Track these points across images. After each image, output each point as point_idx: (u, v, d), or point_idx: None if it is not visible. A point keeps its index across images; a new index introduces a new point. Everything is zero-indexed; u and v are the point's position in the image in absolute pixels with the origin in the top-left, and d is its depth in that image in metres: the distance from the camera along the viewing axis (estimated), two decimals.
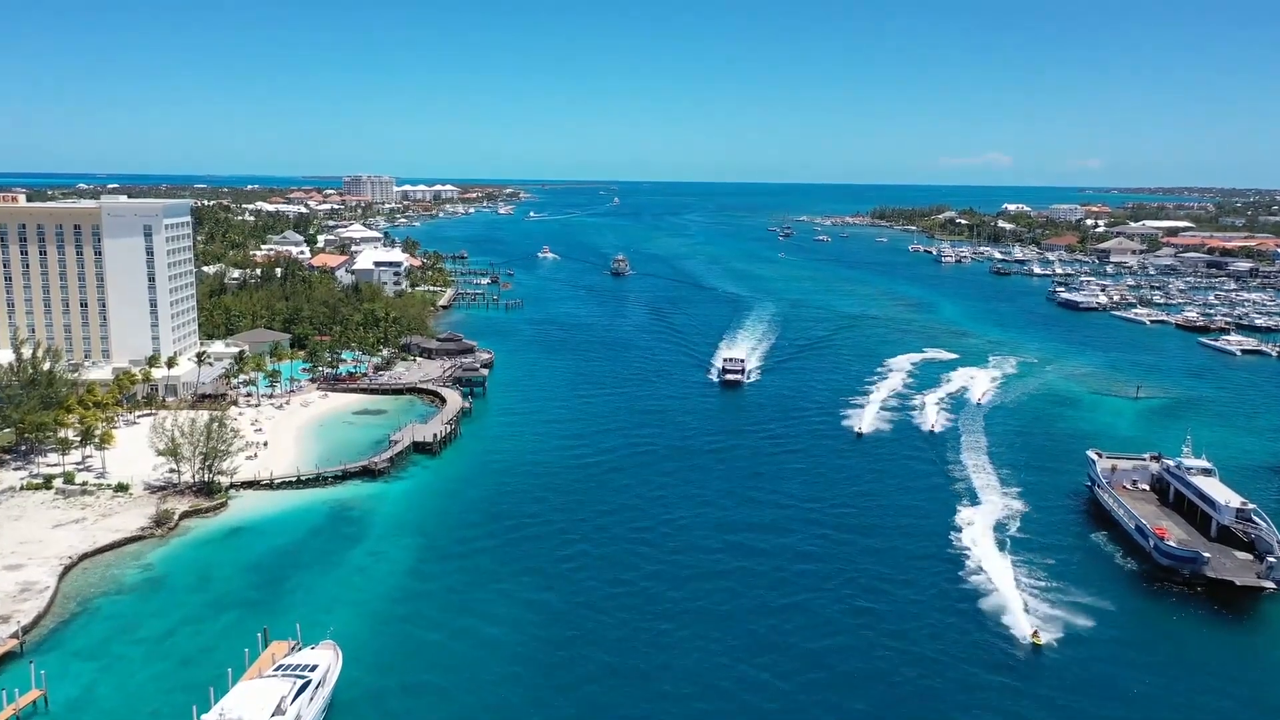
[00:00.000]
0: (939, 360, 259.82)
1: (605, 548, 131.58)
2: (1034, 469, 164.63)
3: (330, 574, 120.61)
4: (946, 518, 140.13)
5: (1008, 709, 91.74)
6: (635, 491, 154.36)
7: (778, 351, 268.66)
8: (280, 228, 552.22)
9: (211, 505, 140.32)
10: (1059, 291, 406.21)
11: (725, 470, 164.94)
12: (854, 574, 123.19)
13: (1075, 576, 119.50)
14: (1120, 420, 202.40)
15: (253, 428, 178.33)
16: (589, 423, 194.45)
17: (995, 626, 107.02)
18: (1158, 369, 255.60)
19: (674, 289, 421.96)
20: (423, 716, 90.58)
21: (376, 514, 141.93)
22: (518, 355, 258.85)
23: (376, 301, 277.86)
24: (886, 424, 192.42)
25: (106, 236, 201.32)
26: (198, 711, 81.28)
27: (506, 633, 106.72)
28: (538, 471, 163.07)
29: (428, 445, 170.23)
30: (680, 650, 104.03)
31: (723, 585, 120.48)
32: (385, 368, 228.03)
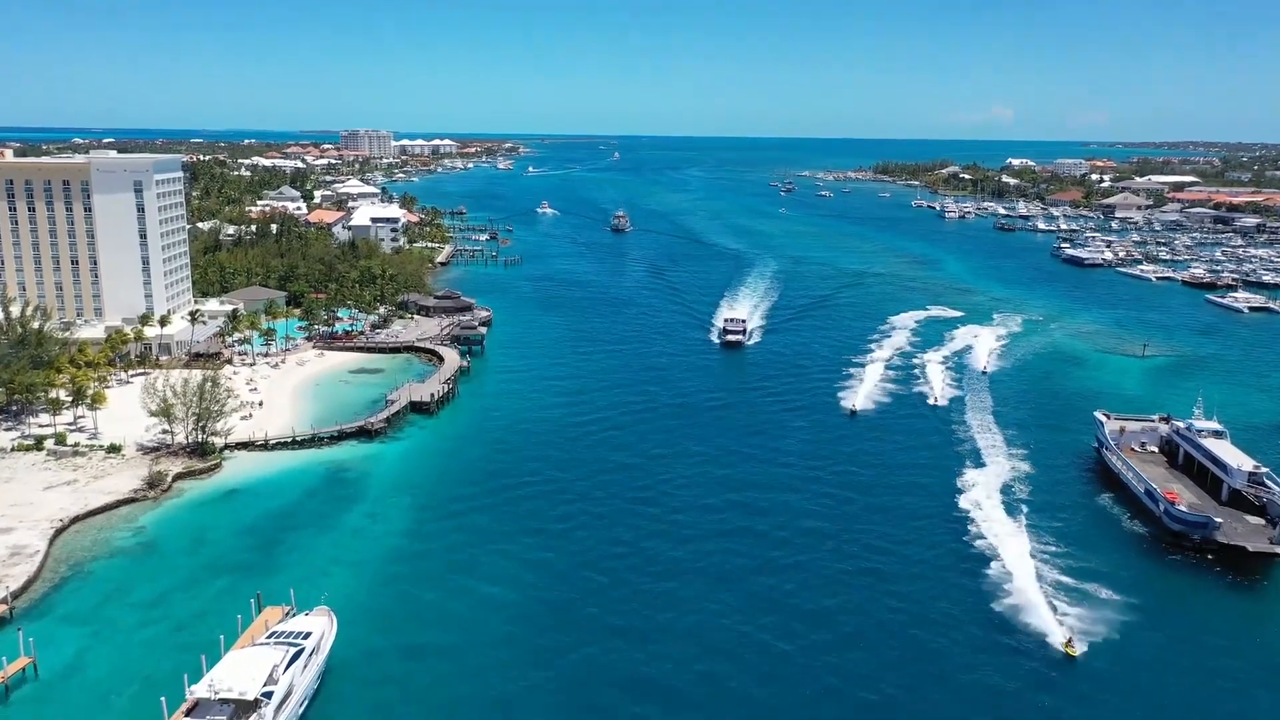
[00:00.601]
0: (943, 318, 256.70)
1: (605, 507, 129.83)
2: (1040, 429, 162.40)
3: (326, 536, 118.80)
4: (951, 480, 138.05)
5: (1012, 667, 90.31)
6: (635, 450, 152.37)
7: (780, 310, 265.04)
8: (276, 183, 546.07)
9: (205, 467, 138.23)
10: (1063, 248, 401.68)
11: (726, 429, 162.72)
12: (857, 534, 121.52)
13: (1082, 541, 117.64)
14: (1126, 379, 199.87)
15: (248, 387, 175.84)
16: (588, 381, 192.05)
17: (1000, 593, 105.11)
18: (1164, 327, 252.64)
19: (675, 245, 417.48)
20: (420, 682, 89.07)
21: (373, 475, 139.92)
22: (516, 313, 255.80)
23: (373, 258, 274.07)
24: (890, 384, 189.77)
25: (96, 193, 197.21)
26: (189, 680, 79.52)
27: (506, 595, 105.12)
28: (537, 430, 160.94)
29: (425, 405, 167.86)
30: (681, 610, 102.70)
31: (724, 545, 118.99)
32: (382, 326, 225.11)
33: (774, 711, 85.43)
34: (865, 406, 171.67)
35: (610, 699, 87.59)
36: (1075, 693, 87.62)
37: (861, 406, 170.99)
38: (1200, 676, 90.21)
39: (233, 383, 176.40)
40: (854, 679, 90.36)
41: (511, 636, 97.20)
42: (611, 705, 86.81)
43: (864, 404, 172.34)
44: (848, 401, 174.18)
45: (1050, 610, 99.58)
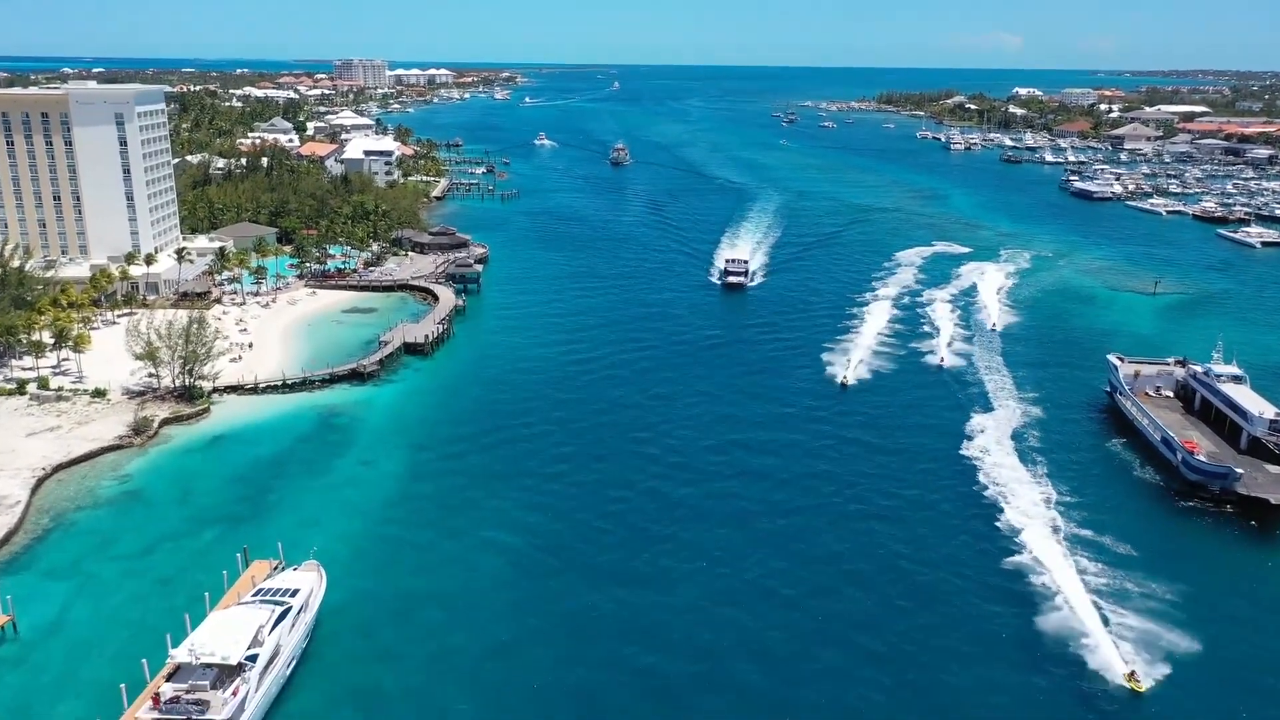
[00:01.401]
0: (949, 254, 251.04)
1: (605, 454, 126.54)
2: (1050, 371, 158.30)
3: (317, 485, 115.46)
4: (959, 425, 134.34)
5: (1021, 611, 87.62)
6: (635, 390, 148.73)
7: (782, 248, 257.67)
8: (269, 114, 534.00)
9: (193, 412, 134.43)
10: (1072, 181, 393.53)
11: (728, 370, 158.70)
12: (861, 478, 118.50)
13: (1095, 490, 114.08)
14: (1137, 318, 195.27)
15: (237, 328, 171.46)
16: (587, 319, 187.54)
17: (1012, 546, 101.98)
18: (1175, 263, 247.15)
19: (675, 179, 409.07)
20: (413, 638, 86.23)
21: (365, 420, 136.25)
22: (513, 249, 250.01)
23: (366, 193, 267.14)
24: (896, 324, 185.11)
25: (76, 125, 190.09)
26: (171, 641, 76.50)
27: (503, 545, 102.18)
28: (534, 372, 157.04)
29: (419, 346, 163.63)
30: (683, 556, 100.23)
31: (727, 487, 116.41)
32: (375, 264, 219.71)
33: (779, 661, 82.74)
34: (868, 358, 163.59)
35: (610, 651, 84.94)
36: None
37: (865, 357, 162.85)
38: (1219, 632, 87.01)
39: (222, 323, 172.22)
40: (859, 627, 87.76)
41: (509, 589, 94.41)
42: (612, 657, 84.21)
43: (867, 354, 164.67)
44: (850, 354, 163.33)
45: (1065, 567, 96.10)
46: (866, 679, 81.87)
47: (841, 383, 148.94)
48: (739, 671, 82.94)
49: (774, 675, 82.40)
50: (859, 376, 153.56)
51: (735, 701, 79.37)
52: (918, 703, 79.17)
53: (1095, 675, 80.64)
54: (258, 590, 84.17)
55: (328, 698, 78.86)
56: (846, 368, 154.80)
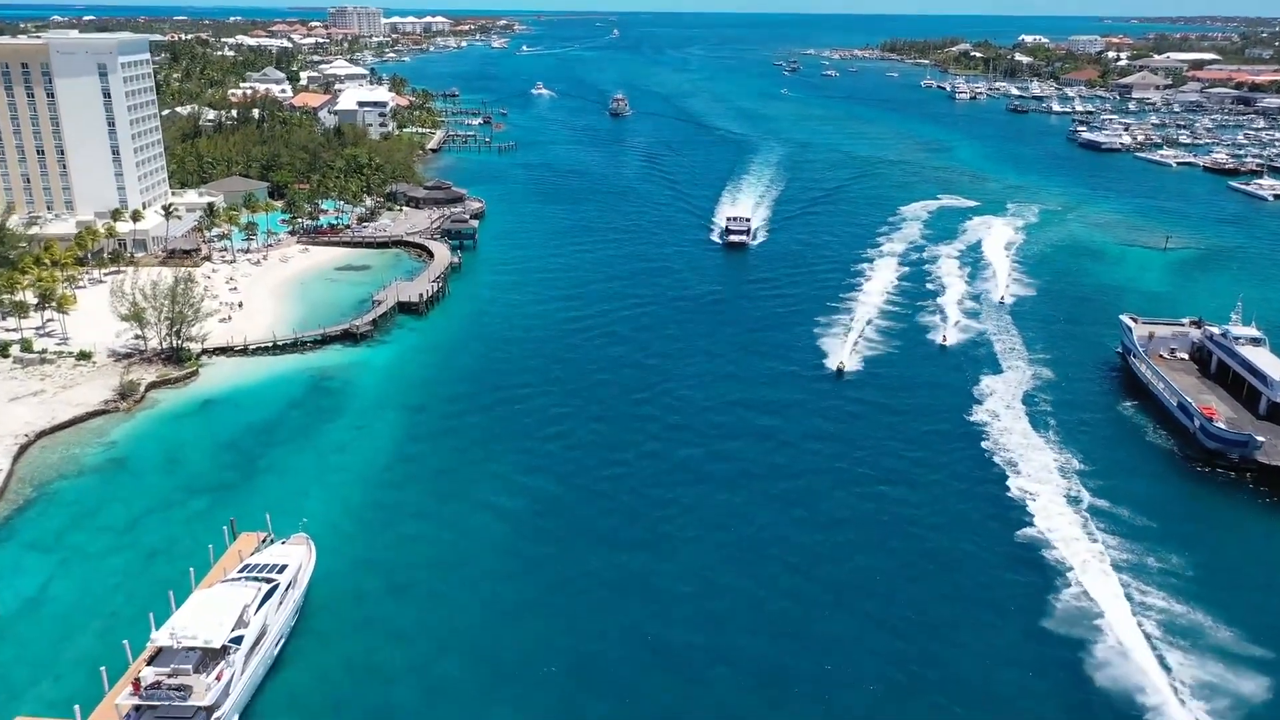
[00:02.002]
0: (956, 208, 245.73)
1: (604, 415, 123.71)
2: (1060, 331, 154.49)
3: (307, 452, 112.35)
4: (967, 386, 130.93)
5: (1032, 581, 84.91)
6: (634, 352, 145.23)
7: (786, 204, 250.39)
8: (261, 64, 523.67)
9: (180, 375, 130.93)
10: (1080, 131, 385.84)
11: (730, 331, 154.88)
12: (866, 442, 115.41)
13: (1110, 458, 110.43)
14: (1148, 274, 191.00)
15: (227, 286, 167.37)
16: (585, 277, 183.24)
17: (1021, 512, 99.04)
18: (1186, 216, 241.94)
19: (675, 130, 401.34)
20: (403, 616, 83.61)
21: (358, 383, 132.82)
22: (510, 204, 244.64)
23: (360, 146, 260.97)
24: (902, 283, 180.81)
25: (58, 77, 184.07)
26: (155, 620, 73.72)
27: (499, 516, 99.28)
28: (531, 332, 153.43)
29: (414, 305, 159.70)
30: (686, 529, 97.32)
31: (728, 449, 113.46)
32: (369, 219, 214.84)
33: (784, 630, 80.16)
34: (875, 316, 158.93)
35: (612, 623, 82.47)
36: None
37: (871, 316, 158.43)
38: (1239, 608, 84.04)
39: (211, 281, 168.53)
40: (866, 595, 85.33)
41: (507, 558, 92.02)
42: (613, 629, 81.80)
43: (874, 313, 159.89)
44: (855, 317, 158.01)
45: (1080, 538, 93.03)
46: (873, 649, 79.70)
47: (838, 367, 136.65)
48: (743, 640, 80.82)
49: (779, 644, 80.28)
50: (865, 337, 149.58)
51: (739, 671, 77.33)
52: (926, 675, 76.84)
53: (1112, 652, 77.93)
54: (244, 566, 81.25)
55: (318, 677, 76.36)
56: (851, 331, 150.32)
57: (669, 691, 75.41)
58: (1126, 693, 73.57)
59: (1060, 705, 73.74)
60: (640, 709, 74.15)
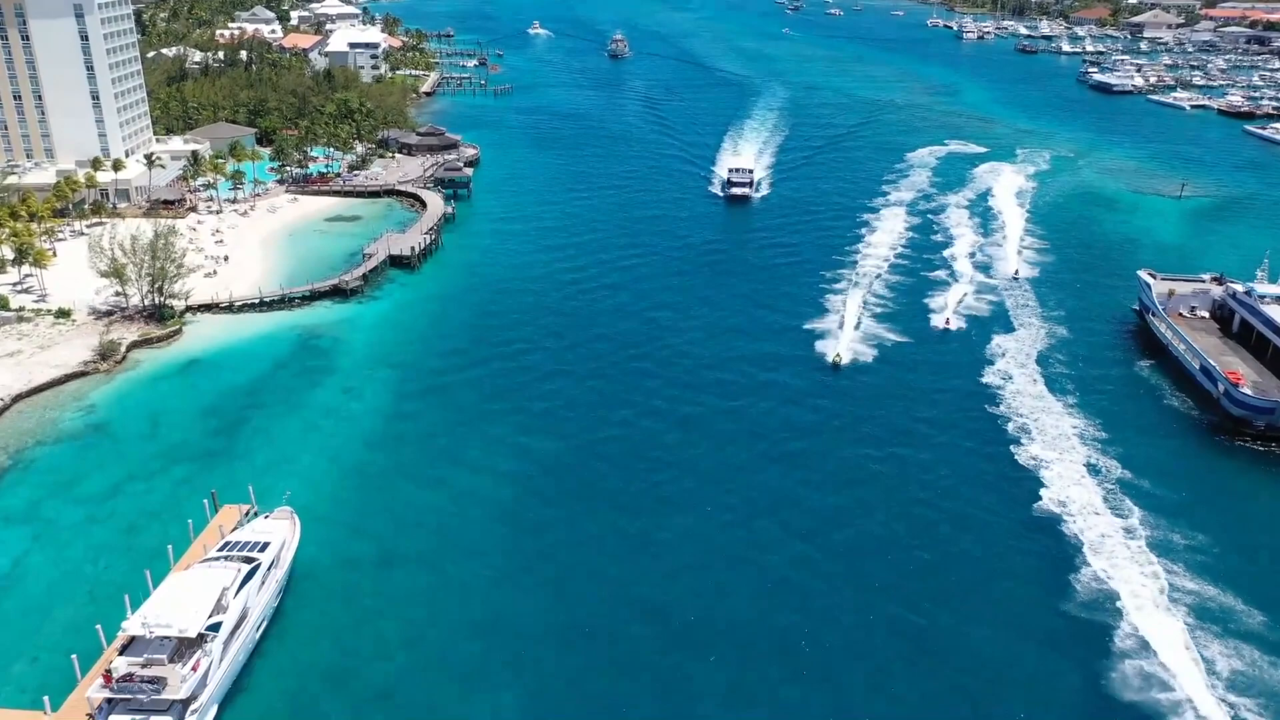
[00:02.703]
0: (964, 154, 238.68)
1: (603, 375, 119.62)
2: (1074, 286, 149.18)
3: (295, 417, 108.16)
4: (979, 347, 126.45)
5: (1049, 555, 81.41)
6: (634, 308, 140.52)
7: (789, 151, 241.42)
8: (250, 2, 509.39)
9: (163, 334, 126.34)
10: (1090, 73, 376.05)
11: (731, 290, 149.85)
12: (873, 405, 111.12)
13: (1129, 425, 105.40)
14: (1163, 223, 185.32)
15: (213, 238, 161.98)
16: (582, 229, 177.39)
17: (1035, 483, 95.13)
18: (1201, 162, 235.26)
19: (676, 71, 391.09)
20: (393, 592, 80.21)
21: (348, 342, 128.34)
22: (506, 150, 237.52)
23: (351, 90, 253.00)
24: (910, 233, 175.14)
25: (32, 18, 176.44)
26: (130, 602, 70.30)
27: (494, 487, 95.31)
28: (527, 286, 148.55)
29: (406, 259, 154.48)
30: (690, 502, 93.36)
31: (730, 411, 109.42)
32: (360, 167, 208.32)
33: (791, 607, 76.81)
34: (884, 272, 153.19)
35: (610, 608, 78.84)
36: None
37: (880, 271, 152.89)
38: (1272, 590, 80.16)
39: (197, 233, 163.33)
40: (874, 567, 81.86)
41: (501, 534, 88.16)
42: (611, 614, 78.16)
43: (883, 268, 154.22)
44: (864, 272, 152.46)
45: (1100, 512, 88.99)
46: (881, 620, 77.06)
47: (834, 361, 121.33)
48: (747, 609, 78.17)
49: (784, 614, 77.68)
50: (875, 294, 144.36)
51: (742, 642, 74.83)
52: (936, 647, 74.06)
53: (1133, 637, 74.36)
54: (224, 544, 77.52)
55: (303, 661, 73.02)
56: (860, 287, 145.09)
57: (672, 663, 72.41)
58: (1150, 679, 70.08)
59: (1079, 689, 70.45)
60: (643, 682, 71.29)
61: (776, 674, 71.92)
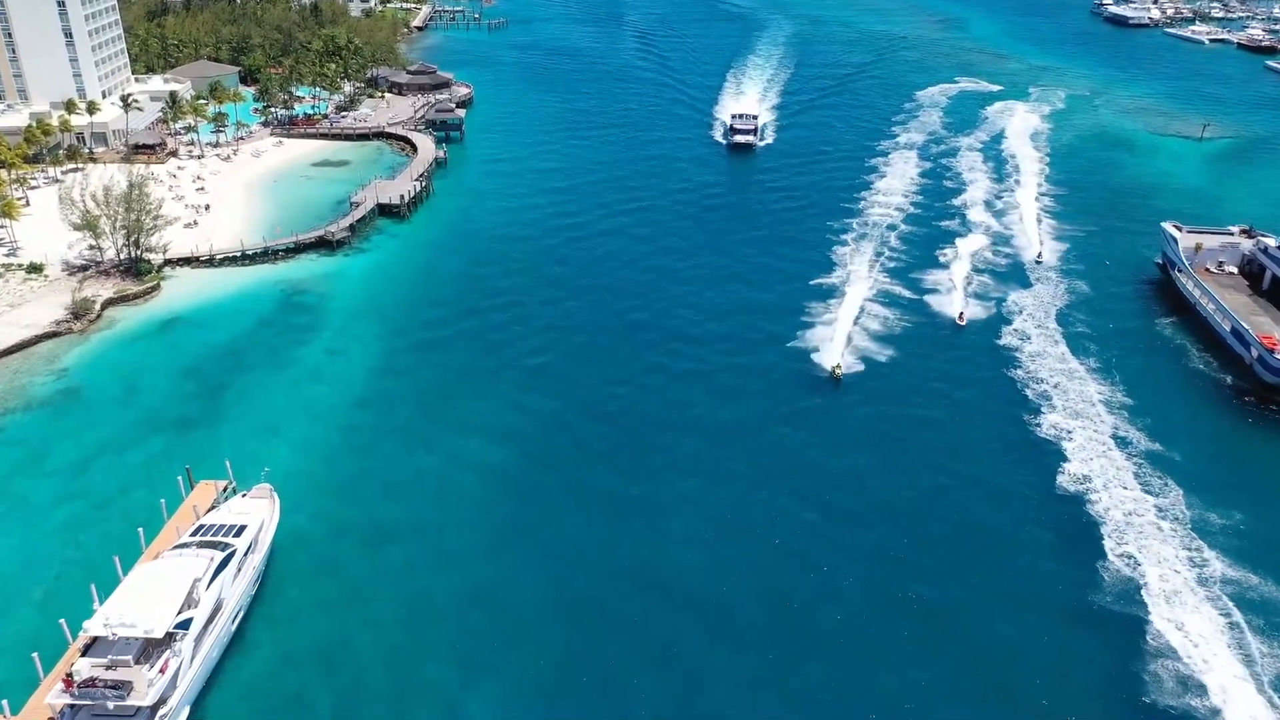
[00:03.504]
0: (975, 92, 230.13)
1: (600, 336, 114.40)
2: (1092, 236, 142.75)
3: (278, 380, 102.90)
4: (997, 306, 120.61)
5: (1079, 557, 77.03)
6: (632, 264, 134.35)
7: (795, 94, 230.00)
8: None
9: (140, 290, 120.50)
10: (1105, 5, 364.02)
11: (735, 238, 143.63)
12: (884, 363, 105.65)
13: (1153, 391, 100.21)
14: (1184, 167, 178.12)
15: (194, 186, 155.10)
16: (578, 176, 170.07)
17: (1058, 455, 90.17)
18: (1221, 101, 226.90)
19: (676, 4, 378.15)
20: (379, 576, 75.72)
21: (334, 298, 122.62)
22: (500, 89, 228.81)
23: (339, 25, 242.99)
24: (920, 178, 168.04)
25: None
26: (98, 593, 65.83)
27: (485, 460, 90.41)
28: (521, 237, 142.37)
29: (395, 208, 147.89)
30: (685, 471, 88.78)
31: (734, 381, 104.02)
32: (348, 108, 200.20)
33: (796, 604, 72.52)
34: (897, 221, 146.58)
35: (604, 592, 74.53)
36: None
37: (893, 220, 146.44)
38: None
39: (177, 180, 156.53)
40: (885, 558, 77.26)
41: (494, 507, 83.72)
42: (606, 600, 73.95)
43: (896, 217, 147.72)
44: (877, 219, 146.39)
45: (1129, 486, 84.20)
46: (893, 599, 73.22)
47: (834, 373, 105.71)
48: (751, 583, 74.60)
49: (793, 594, 73.77)
50: (890, 246, 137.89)
51: (746, 618, 71.61)
52: (952, 628, 70.33)
53: (1168, 623, 70.11)
54: (198, 527, 72.78)
55: (282, 654, 68.65)
56: (871, 239, 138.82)
57: (677, 638, 68.57)
58: (1182, 675, 65.90)
59: (1103, 680, 66.27)
60: (646, 657, 68.17)
61: (783, 648, 68.33)
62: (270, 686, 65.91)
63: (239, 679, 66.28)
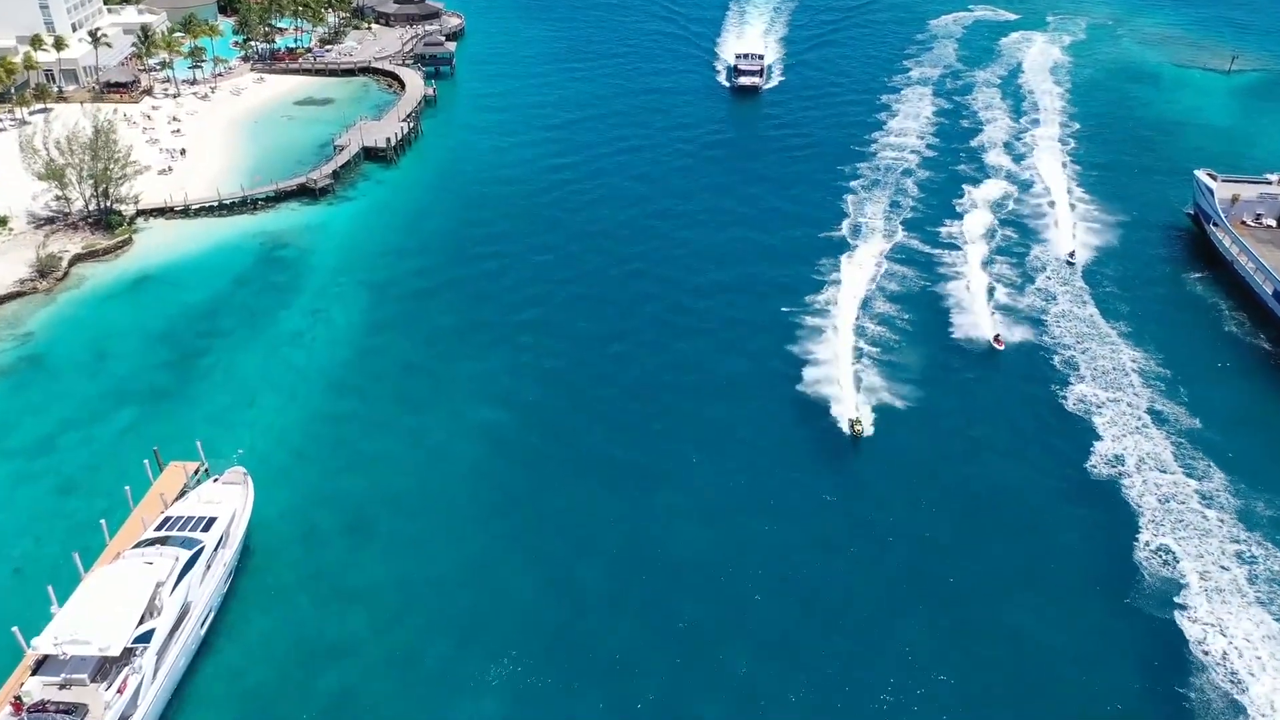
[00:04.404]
0: (991, 21, 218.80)
1: (598, 291, 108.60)
2: (1116, 181, 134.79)
3: (256, 345, 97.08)
4: (1020, 257, 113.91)
5: (1112, 545, 71.91)
6: (633, 212, 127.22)
7: (802, 25, 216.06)
8: None
9: (111, 245, 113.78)
10: None
11: (740, 176, 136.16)
12: (899, 323, 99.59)
13: (1187, 357, 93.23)
14: (1213, 103, 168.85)
15: (170, 127, 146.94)
16: (575, 115, 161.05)
17: (1088, 430, 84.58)
18: (1251, 30, 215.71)
19: None
20: (362, 566, 70.99)
21: (316, 252, 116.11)
22: (493, 19, 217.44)
23: None
24: (934, 118, 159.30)
25: None
26: (55, 595, 60.82)
27: (477, 431, 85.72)
28: (515, 182, 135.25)
29: (381, 152, 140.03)
30: (688, 439, 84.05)
31: (739, 339, 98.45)
32: (333, 40, 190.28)
33: (808, 600, 67.72)
34: (914, 168, 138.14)
35: (604, 584, 69.77)
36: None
37: (910, 166, 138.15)
38: None
39: (152, 121, 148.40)
40: (903, 522, 72.27)
41: (486, 486, 78.95)
42: (606, 590, 69.29)
43: (913, 161, 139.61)
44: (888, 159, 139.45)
45: (1166, 465, 78.47)
46: (910, 587, 69.22)
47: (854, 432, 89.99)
48: (761, 583, 69.71)
49: (802, 584, 69.50)
50: (910, 195, 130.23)
51: (750, 611, 67.56)
52: (974, 621, 66.08)
53: (1209, 628, 65.11)
54: (164, 520, 67.49)
55: (256, 659, 63.95)
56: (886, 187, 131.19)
57: (681, 631, 63.78)
58: (1225, 681, 61.14)
59: (1138, 687, 61.62)
60: (650, 650, 64.47)
61: (792, 643, 64.20)
62: (243, 696, 61.33)
63: (209, 690, 61.69)
